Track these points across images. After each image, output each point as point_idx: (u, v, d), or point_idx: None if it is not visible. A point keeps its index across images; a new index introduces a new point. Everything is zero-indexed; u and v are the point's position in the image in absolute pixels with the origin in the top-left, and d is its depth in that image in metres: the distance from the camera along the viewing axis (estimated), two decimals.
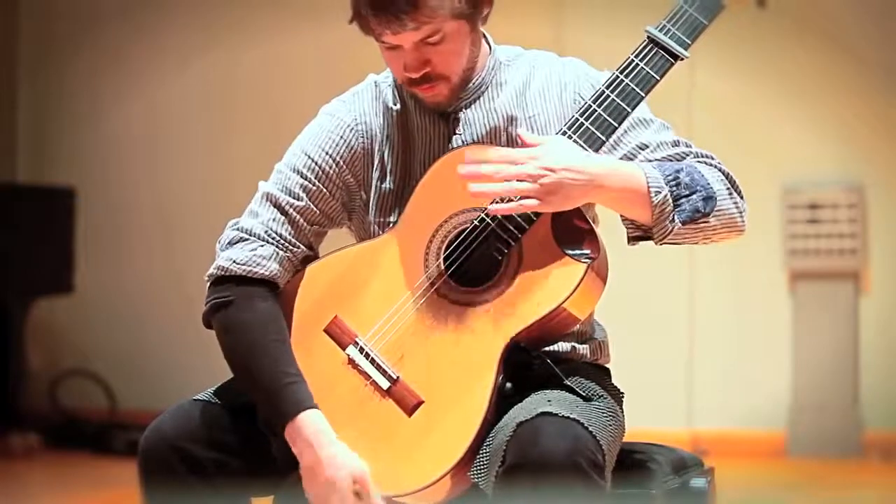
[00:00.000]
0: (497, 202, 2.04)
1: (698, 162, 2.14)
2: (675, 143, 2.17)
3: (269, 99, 6.25)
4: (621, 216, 2.12)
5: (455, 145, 2.17)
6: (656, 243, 2.11)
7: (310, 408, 2.04)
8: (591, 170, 2.03)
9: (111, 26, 6.55)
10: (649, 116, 2.19)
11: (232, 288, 2.13)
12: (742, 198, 2.16)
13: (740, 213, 2.14)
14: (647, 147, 2.15)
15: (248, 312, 2.11)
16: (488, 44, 2.23)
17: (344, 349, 2.10)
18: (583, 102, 2.11)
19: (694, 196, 2.06)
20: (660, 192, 2.05)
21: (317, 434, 2.02)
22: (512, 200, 2.03)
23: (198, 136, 6.46)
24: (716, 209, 2.08)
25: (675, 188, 2.05)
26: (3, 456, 5.72)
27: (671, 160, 2.14)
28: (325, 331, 2.11)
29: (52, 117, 6.66)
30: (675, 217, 2.06)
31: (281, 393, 2.04)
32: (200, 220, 6.02)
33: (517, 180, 2.02)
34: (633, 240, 2.14)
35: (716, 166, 2.15)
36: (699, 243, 2.13)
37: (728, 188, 2.13)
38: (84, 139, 6.60)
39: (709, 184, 2.08)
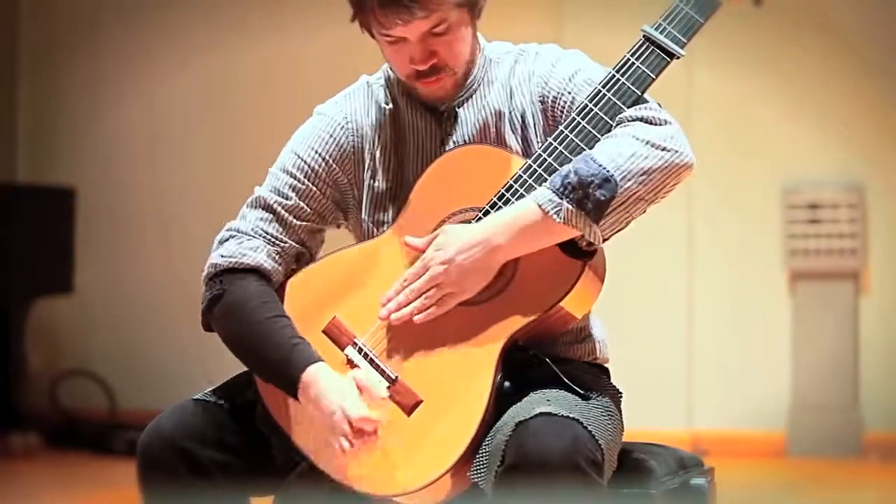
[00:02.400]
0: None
1: (607, 135, 2.06)
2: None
3: (269, 99, 6.25)
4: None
5: (448, 145, 2.18)
6: (600, 244, 2.05)
7: (317, 361, 2.05)
8: (479, 237, 2.03)
9: (111, 26, 6.55)
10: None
11: (222, 280, 2.15)
12: (669, 124, 2.04)
13: (672, 152, 2.01)
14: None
15: (240, 294, 2.13)
16: (479, 43, 2.23)
17: (342, 350, 2.10)
18: (579, 102, 2.11)
19: (591, 189, 1.99)
20: (559, 209, 2.00)
21: (328, 379, 2.03)
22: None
23: (198, 136, 6.46)
24: (626, 181, 1.98)
25: (570, 193, 1.99)
26: (3, 456, 5.72)
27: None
28: (324, 332, 2.12)
29: (52, 117, 6.66)
30: (588, 219, 2.00)
31: (286, 356, 2.06)
32: (200, 221, 6.01)
33: (427, 290, 2.04)
34: (587, 253, 2.06)
35: (628, 120, 2.06)
36: (648, 208, 2.05)
37: (644, 142, 2.01)
38: (84, 139, 6.60)
39: (600, 166, 1.99)
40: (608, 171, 1.99)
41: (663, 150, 2.02)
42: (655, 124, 2.05)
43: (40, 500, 5.03)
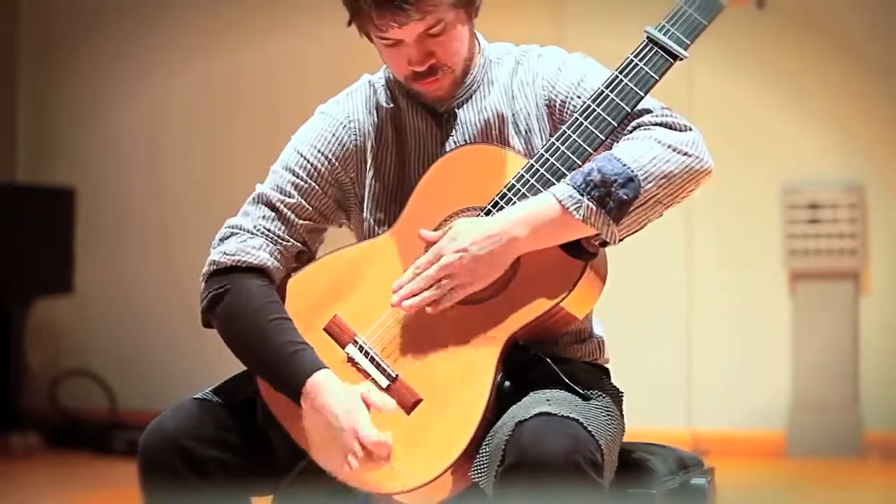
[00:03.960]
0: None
1: (626, 137, 2.08)
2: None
3: (269, 99, 6.25)
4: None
5: (448, 146, 2.18)
6: (614, 244, 2.05)
7: (321, 368, 2.04)
8: (496, 228, 2.02)
9: (111, 26, 6.56)
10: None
11: (224, 278, 2.15)
12: (690, 130, 2.06)
13: (694, 158, 2.04)
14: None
15: (244, 295, 2.12)
16: (478, 42, 2.23)
17: (343, 348, 2.10)
18: (581, 102, 2.12)
19: (613, 188, 1.99)
20: (579, 206, 2.00)
21: (334, 390, 2.02)
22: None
23: (198, 136, 6.46)
24: (647, 182, 2.00)
25: (592, 191, 1.99)
26: (3, 456, 5.72)
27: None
28: (325, 330, 2.12)
29: (52, 117, 6.66)
30: (608, 217, 2.01)
31: (291, 361, 2.05)
32: (200, 220, 6.01)
33: (439, 278, 2.03)
34: (589, 253, 2.07)
35: (648, 124, 2.08)
36: (664, 212, 2.07)
37: (667, 146, 2.03)
38: (84, 139, 6.60)
39: (624, 166, 2.00)
40: (632, 171, 2.00)
41: (685, 154, 2.04)
42: (677, 130, 2.07)
43: (40, 500, 5.03)
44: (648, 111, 2.11)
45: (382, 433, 1.99)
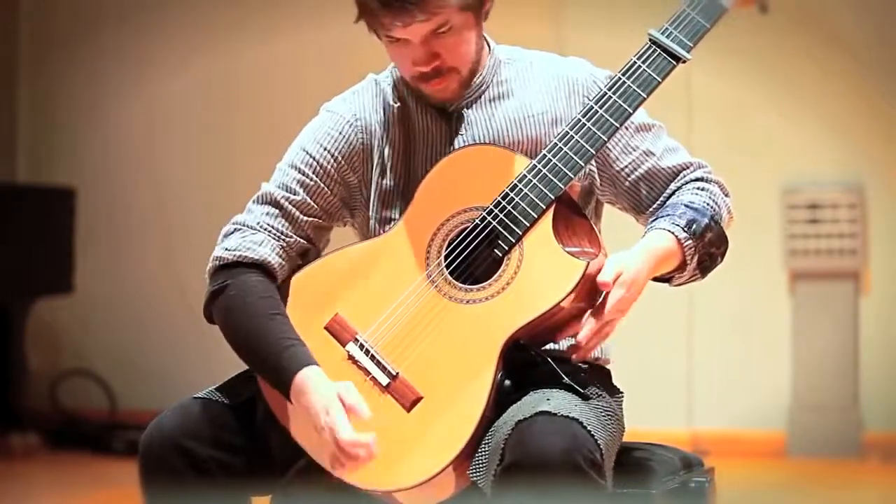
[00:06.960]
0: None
1: (698, 184, 2.21)
2: (673, 150, 2.26)
3: (269, 99, 6.25)
4: None
5: (457, 145, 2.18)
6: (672, 284, 2.25)
7: (310, 364, 2.04)
8: (645, 273, 2.12)
9: (111, 26, 6.55)
10: (648, 120, 2.24)
11: (226, 274, 2.15)
12: (728, 196, 2.26)
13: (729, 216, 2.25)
14: (654, 155, 2.22)
15: (242, 289, 2.12)
16: (488, 44, 2.24)
17: (344, 346, 2.10)
18: (586, 103, 2.12)
19: (715, 251, 2.18)
20: (692, 257, 2.15)
21: (317, 387, 2.01)
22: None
23: (198, 136, 6.46)
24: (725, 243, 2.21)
25: (698, 242, 2.15)
26: (3, 456, 5.72)
27: (675, 171, 2.22)
28: (326, 328, 2.12)
29: (52, 117, 6.66)
30: (699, 272, 2.20)
31: (282, 355, 2.05)
32: (200, 220, 6.02)
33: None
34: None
35: (714, 181, 2.23)
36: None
37: (727, 206, 2.23)
38: (84, 139, 6.60)
39: (723, 232, 2.19)
40: (725, 234, 2.21)
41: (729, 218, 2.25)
42: (725, 194, 2.25)
43: (40, 500, 5.03)
44: (701, 165, 2.25)
45: (362, 434, 1.97)
